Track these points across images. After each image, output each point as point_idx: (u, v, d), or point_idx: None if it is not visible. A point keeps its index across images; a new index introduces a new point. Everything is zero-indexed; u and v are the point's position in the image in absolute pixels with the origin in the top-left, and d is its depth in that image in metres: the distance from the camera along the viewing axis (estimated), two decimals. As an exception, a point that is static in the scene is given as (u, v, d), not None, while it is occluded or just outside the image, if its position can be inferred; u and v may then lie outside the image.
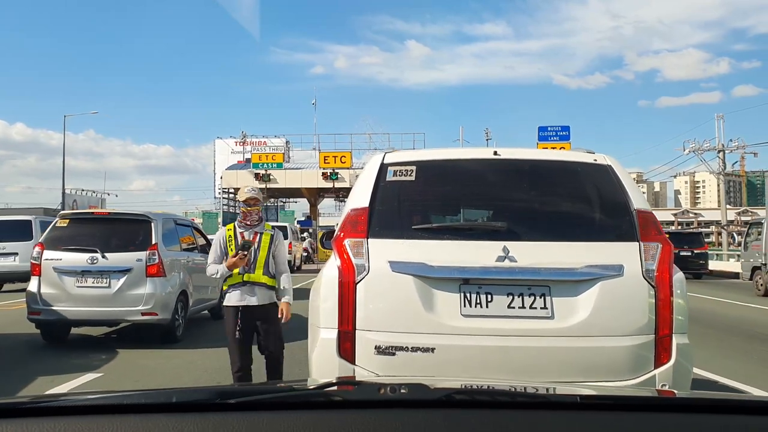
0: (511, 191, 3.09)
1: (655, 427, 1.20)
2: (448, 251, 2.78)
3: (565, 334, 2.69)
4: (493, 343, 2.68)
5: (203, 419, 1.16)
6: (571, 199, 3.05)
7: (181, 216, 8.58)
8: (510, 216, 2.97)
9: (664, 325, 2.73)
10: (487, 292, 2.73)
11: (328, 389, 1.39)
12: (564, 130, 38.02)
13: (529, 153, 3.35)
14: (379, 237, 2.83)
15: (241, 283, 4.20)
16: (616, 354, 2.71)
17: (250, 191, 4.29)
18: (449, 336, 2.68)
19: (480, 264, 2.72)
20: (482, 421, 1.19)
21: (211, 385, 3.34)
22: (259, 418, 1.17)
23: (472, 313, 2.71)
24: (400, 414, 1.21)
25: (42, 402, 1.35)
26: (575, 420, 1.22)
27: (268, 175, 38.60)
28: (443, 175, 3.10)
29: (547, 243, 2.83)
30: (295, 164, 44.31)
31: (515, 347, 2.68)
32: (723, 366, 6.30)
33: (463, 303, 2.71)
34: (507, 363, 2.67)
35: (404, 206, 2.99)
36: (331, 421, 1.17)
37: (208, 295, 8.68)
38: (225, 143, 49.33)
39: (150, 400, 1.30)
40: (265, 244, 4.20)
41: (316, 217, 45.47)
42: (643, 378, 2.70)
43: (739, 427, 1.21)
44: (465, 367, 2.68)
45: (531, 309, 2.71)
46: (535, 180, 3.06)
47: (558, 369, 2.67)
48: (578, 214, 3.00)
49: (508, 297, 2.72)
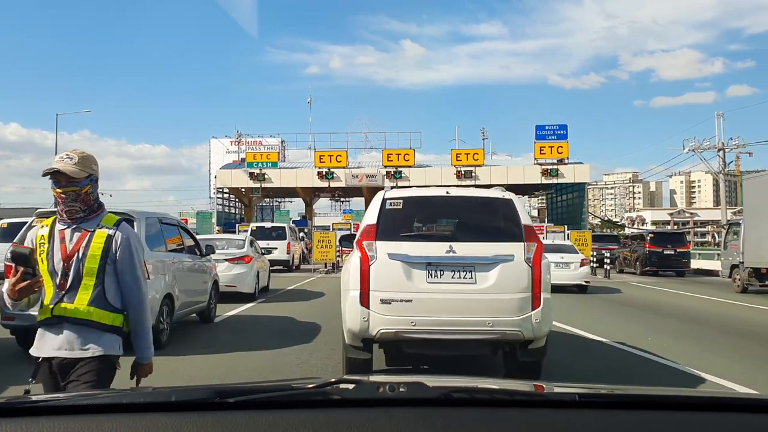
0: (454, 214, 5.34)
1: (654, 425, 1.22)
2: (419, 247, 4.85)
3: (482, 292, 4.74)
4: (444, 297, 4.73)
5: (202, 418, 1.17)
6: (487, 218, 5.15)
7: (168, 214, 8.15)
8: (453, 228, 5.25)
9: (536, 287, 4.75)
10: (441, 270, 4.78)
11: (327, 388, 1.37)
12: (561, 129, 37.69)
13: (466, 191, 6.14)
14: (381, 240, 4.84)
15: (49, 319, 2.44)
16: (510, 302, 4.74)
17: (60, 160, 2.42)
18: (419, 293, 4.71)
19: (436, 254, 4.79)
20: (481, 419, 1.21)
21: (210, 384, 3.10)
22: (258, 417, 1.17)
23: (432, 281, 4.77)
24: (400, 412, 1.21)
25: (41, 401, 1.35)
26: (573, 418, 1.24)
27: (263, 175, 38.13)
28: (417, 205, 5.27)
29: (473, 243, 4.91)
30: (291, 164, 43.90)
31: (455, 299, 4.75)
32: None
33: (427, 276, 4.78)
34: (450, 307, 4.72)
35: (396, 223, 4.99)
36: (330, 420, 1.17)
37: (197, 298, 8.28)
38: (220, 143, 48.90)
39: (149, 399, 1.31)
40: (95, 252, 2.43)
41: (311, 216, 45.00)
42: (524, 316, 4.71)
43: (737, 425, 1.23)
44: (428, 310, 4.69)
45: (463, 279, 4.78)
46: (467, 208, 5.32)
47: (477, 309, 4.69)
48: (490, 226, 5.10)
49: (452, 272, 4.79)
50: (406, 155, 37.55)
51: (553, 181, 37.95)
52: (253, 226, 24.89)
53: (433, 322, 4.68)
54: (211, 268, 9.18)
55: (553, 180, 37.38)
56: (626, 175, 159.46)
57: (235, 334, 8.26)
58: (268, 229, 23.77)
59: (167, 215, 7.95)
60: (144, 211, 7.29)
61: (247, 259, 11.39)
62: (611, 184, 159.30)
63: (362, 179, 38.51)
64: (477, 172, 37.20)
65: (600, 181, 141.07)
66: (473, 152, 38.11)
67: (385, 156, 37.72)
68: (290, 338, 7.60)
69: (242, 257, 11.35)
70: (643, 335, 8.32)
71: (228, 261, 11.13)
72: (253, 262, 11.61)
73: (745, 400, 1.49)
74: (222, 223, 39.22)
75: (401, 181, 37.68)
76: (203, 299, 8.53)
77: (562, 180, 37.59)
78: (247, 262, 11.35)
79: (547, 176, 37.03)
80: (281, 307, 10.91)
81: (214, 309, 9.09)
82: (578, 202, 39.73)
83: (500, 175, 38.18)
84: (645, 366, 6.48)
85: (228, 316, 9.71)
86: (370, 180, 38.45)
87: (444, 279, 4.74)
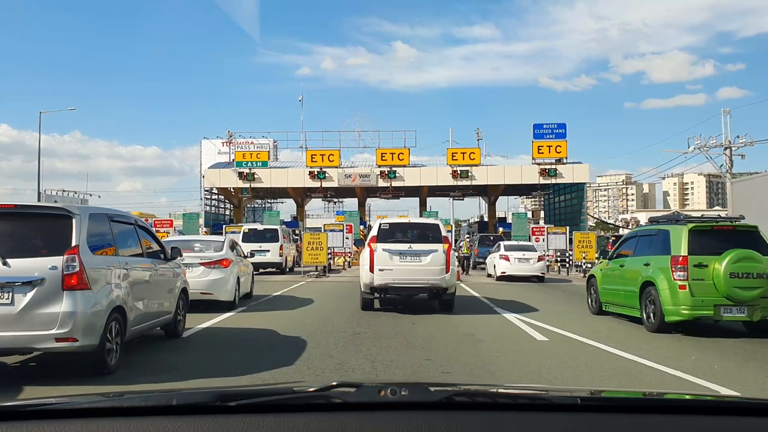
0: (412, 230, 10.80)
1: (654, 429, 1.23)
2: (396, 245, 10.26)
3: (424, 265, 10.13)
4: (406, 268, 10.16)
5: (204, 422, 1.17)
6: (426, 233, 10.71)
7: (122, 211, 6.91)
8: (412, 237, 10.53)
9: (447, 263, 10.15)
10: (405, 255, 10.19)
11: (328, 391, 1.38)
12: (560, 128, 36.56)
13: (418, 220, 15.74)
14: (379, 242, 10.25)
15: None
16: (435, 270, 10.10)
17: None
18: (396, 266, 10.13)
19: (404, 249, 10.22)
20: (483, 422, 1.22)
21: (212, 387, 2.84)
22: (259, 421, 1.18)
23: (402, 261, 10.18)
24: (401, 416, 1.22)
25: (43, 405, 1.32)
26: (575, 422, 1.25)
27: (253, 174, 36.79)
28: (395, 226, 10.89)
29: (421, 243, 10.28)
30: (282, 163, 42.57)
31: (411, 269, 10.17)
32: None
33: (399, 259, 10.18)
34: (409, 273, 10.12)
35: (386, 234, 10.37)
36: (332, 424, 1.18)
37: (159, 309, 7.04)
38: (212, 144, 47.56)
39: (151, 403, 1.33)
40: None
41: (303, 218, 43.64)
42: (441, 276, 10.14)
43: (737, 429, 1.25)
44: (399, 274, 10.09)
45: (416, 260, 10.15)
46: (418, 228, 11.07)
47: (421, 273, 10.06)
48: (428, 236, 10.47)
49: (411, 257, 10.20)
50: (400, 154, 36.26)
51: (552, 181, 36.87)
52: (245, 228, 24.12)
53: (401, 279, 10.14)
54: (180, 274, 7.94)
55: (552, 180, 36.27)
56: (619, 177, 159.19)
57: (204, 352, 7.02)
58: (261, 230, 23.13)
59: (121, 212, 6.71)
60: (90, 206, 6.03)
61: (225, 263, 10.09)
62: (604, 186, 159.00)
63: (355, 179, 37.21)
64: (473, 172, 35.99)
65: (593, 183, 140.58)
66: (469, 151, 36.86)
67: (378, 155, 36.46)
68: (268, 358, 6.37)
69: (219, 261, 10.03)
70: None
71: (203, 265, 9.85)
72: (232, 266, 10.32)
73: (746, 404, 1.49)
74: (210, 225, 37.89)
75: (395, 182, 36.44)
76: (168, 310, 7.29)
77: (560, 180, 36.50)
78: (225, 266, 10.05)
79: (545, 176, 35.90)
80: (263, 317, 9.66)
81: (182, 321, 7.84)
82: (577, 202, 38.61)
83: (497, 175, 37.01)
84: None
85: (201, 328, 8.45)
86: (363, 180, 37.17)
87: (407, 260, 10.17)
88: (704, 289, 8.00)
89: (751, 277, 7.89)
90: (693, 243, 8.22)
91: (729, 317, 8.02)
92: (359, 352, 6.72)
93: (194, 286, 9.49)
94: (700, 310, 8.01)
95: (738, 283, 7.87)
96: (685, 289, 8.04)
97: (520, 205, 74.93)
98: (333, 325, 8.68)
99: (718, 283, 7.91)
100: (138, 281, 6.41)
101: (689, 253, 8.14)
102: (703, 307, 8.00)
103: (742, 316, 7.99)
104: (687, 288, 8.04)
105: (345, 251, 27.69)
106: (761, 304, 7.94)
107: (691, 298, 8.00)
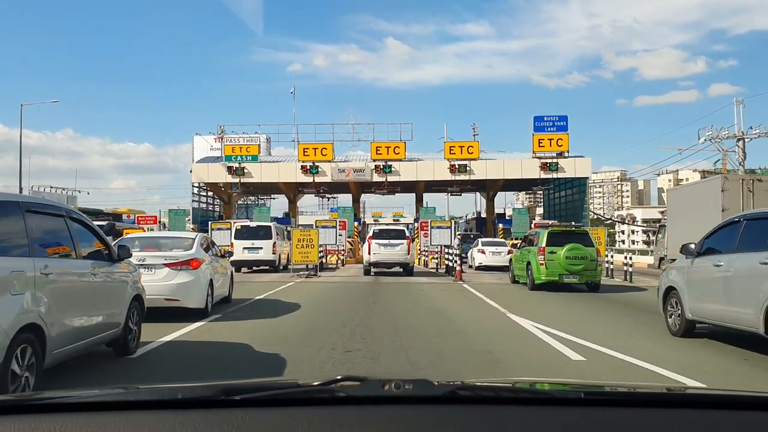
0: (391, 232, 20.60)
1: (659, 423, 1.21)
2: (383, 241, 19.72)
3: (397, 252, 19.55)
4: (387, 252, 19.58)
5: (208, 415, 1.16)
6: (399, 234, 20.34)
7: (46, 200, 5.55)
8: (391, 236, 19.99)
9: (408, 250, 19.75)
10: (387, 246, 19.56)
11: (332, 386, 1.34)
12: (561, 120, 35.15)
13: (393, 226, 28.77)
14: (373, 239, 19.97)
15: None
16: (403, 254, 19.61)
17: None
18: (381, 251, 19.55)
19: (386, 242, 19.65)
20: (486, 417, 1.21)
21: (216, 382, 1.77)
22: (263, 415, 1.18)
23: (385, 249, 19.59)
24: (405, 410, 1.22)
25: (48, 399, 1.33)
26: (579, 416, 1.23)
27: (242, 169, 35.31)
28: (383, 229, 21.24)
29: (395, 240, 19.76)
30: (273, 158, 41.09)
31: (390, 252, 19.54)
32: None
33: (384, 247, 19.56)
34: (389, 255, 19.54)
35: (378, 235, 20.22)
36: (336, 418, 1.17)
37: (104, 321, 5.67)
38: (204, 140, 46.02)
39: (155, 397, 1.35)
40: None
41: (295, 214, 42.13)
42: (406, 256, 19.85)
43: (745, 423, 1.22)
44: (383, 255, 19.49)
45: (393, 248, 19.54)
46: (396, 230, 21.09)
47: (396, 255, 19.59)
48: (401, 235, 20.26)
49: (390, 247, 19.57)
50: (396, 148, 34.84)
51: (553, 176, 35.59)
52: (237, 224, 22.99)
53: (384, 258, 19.48)
54: (134, 277, 6.57)
55: (553, 174, 34.99)
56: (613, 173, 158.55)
57: (156, 375, 5.65)
58: (254, 227, 22.25)
59: (44, 200, 5.33)
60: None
61: (195, 264, 8.64)
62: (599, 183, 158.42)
63: (349, 174, 35.78)
64: (472, 167, 34.64)
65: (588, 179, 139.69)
66: (468, 145, 35.49)
67: (373, 149, 35.01)
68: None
69: (187, 261, 8.57)
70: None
71: (168, 267, 8.41)
72: (203, 267, 8.87)
73: (751, 398, 1.45)
74: (199, 221, 36.37)
75: (391, 176, 35.04)
76: (114, 322, 5.92)
77: (562, 174, 35.23)
78: (194, 267, 8.60)
79: (546, 170, 34.58)
80: (239, 327, 8.27)
81: (135, 335, 6.47)
82: (579, 197, 37.30)
83: (496, 170, 35.66)
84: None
85: (161, 343, 7.06)
86: (357, 175, 35.75)
87: (388, 248, 19.40)
88: (554, 265, 13.91)
89: (578, 259, 13.80)
90: (549, 240, 14.27)
91: (568, 281, 13.95)
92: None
93: (157, 291, 8.12)
94: (551, 277, 13.94)
95: (571, 262, 13.78)
96: (543, 265, 14.01)
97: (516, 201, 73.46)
98: (321, 341, 7.27)
99: (561, 261, 13.81)
100: (67, 289, 5.04)
101: (546, 245, 14.13)
102: (553, 275, 13.92)
103: (575, 281, 13.97)
104: (544, 265, 14.00)
105: (338, 249, 26.32)
106: (585, 274, 13.91)
107: (546, 270, 13.97)
